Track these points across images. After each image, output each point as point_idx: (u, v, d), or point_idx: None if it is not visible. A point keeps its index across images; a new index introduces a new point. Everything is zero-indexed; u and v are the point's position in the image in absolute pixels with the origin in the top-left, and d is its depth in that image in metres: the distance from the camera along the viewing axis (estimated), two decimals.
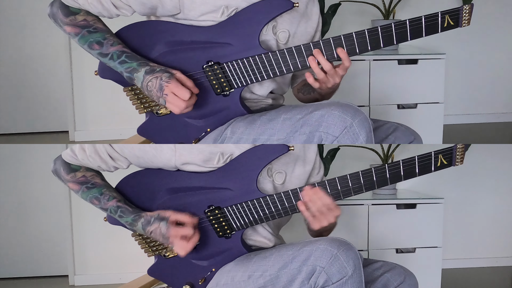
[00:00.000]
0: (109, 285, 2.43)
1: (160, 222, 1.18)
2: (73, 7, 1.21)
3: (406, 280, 1.27)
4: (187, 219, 1.19)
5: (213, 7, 1.18)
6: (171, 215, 1.19)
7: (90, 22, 1.20)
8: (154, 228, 1.18)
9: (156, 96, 1.17)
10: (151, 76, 1.16)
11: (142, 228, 1.20)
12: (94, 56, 1.22)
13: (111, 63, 1.19)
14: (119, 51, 1.18)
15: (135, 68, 1.18)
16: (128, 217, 1.21)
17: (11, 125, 2.79)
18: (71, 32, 1.21)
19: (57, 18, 1.21)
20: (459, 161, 1.15)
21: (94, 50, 1.20)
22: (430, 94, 2.34)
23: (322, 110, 1.10)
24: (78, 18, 1.20)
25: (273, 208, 1.19)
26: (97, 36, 1.19)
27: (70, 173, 1.24)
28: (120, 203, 1.22)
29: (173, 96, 1.15)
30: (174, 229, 1.17)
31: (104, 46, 1.19)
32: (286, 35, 1.27)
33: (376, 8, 2.42)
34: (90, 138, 2.71)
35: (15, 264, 2.54)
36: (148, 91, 1.18)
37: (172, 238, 1.17)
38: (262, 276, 1.15)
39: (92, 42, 1.19)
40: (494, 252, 2.60)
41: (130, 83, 1.25)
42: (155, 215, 1.20)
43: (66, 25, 1.21)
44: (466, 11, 1.13)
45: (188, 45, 1.21)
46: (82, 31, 1.20)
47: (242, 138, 1.19)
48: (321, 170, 1.34)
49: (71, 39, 1.28)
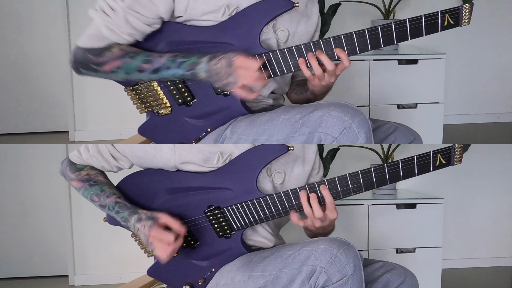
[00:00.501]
0: (109, 285, 2.43)
1: (148, 221, 1.17)
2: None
3: (406, 280, 1.27)
4: (176, 226, 1.17)
5: (214, 6, 1.18)
6: (161, 217, 1.18)
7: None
8: (141, 225, 1.18)
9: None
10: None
11: (133, 223, 1.20)
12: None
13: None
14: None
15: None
16: (124, 212, 1.21)
17: (11, 125, 2.79)
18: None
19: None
20: (457, 160, 1.15)
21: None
22: (430, 94, 2.34)
23: (321, 110, 1.10)
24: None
25: (273, 208, 1.19)
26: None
27: (75, 172, 1.27)
28: (119, 199, 1.22)
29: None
30: (157, 231, 1.16)
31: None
32: (286, 34, 1.27)
33: (376, 8, 2.42)
34: (90, 138, 2.71)
35: (15, 264, 2.54)
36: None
37: (152, 239, 1.16)
38: (262, 276, 1.15)
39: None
40: (494, 252, 2.61)
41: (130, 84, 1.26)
42: (148, 214, 1.19)
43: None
44: (466, 10, 1.13)
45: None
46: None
47: (242, 138, 1.19)
48: (320, 170, 1.34)
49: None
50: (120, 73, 1.18)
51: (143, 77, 1.19)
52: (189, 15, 1.19)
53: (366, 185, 1.16)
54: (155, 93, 1.26)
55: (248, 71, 1.14)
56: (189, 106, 1.26)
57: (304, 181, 1.29)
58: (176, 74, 1.18)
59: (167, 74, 1.18)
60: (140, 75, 1.19)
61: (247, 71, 1.14)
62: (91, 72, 1.20)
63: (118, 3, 1.15)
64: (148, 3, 1.15)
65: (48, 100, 2.77)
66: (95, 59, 1.17)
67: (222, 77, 1.15)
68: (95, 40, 1.17)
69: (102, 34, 1.17)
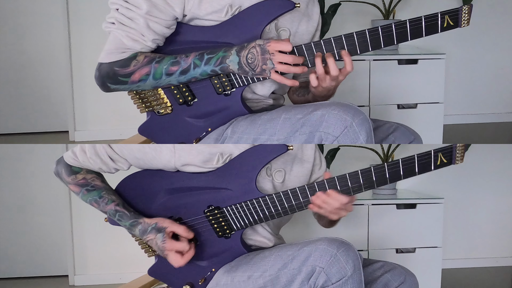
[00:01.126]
0: (109, 285, 2.43)
1: (157, 234, 1.18)
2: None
3: (406, 281, 1.27)
4: (184, 232, 1.19)
5: (218, 6, 1.18)
6: (168, 227, 1.18)
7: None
8: (150, 238, 1.18)
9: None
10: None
11: (139, 234, 1.21)
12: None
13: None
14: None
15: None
16: (126, 222, 1.21)
17: (11, 125, 2.79)
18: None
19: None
20: (459, 159, 1.15)
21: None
22: (430, 94, 2.34)
23: (322, 110, 1.10)
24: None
25: (273, 208, 1.19)
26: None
27: (71, 175, 1.25)
28: (118, 207, 1.22)
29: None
30: (170, 243, 1.17)
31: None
32: (287, 33, 1.27)
33: (376, 8, 2.42)
34: (90, 138, 2.71)
35: (15, 264, 2.54)
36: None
37: (167, 252, 1.17)
38: (261, 276, 1.15)
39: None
40: (494, 252, 2.60)
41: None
42: (153, 225, 1.19)
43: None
44: (465, 12, 1.13)
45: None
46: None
47: (242, 138, 1.19)
48: (322, 166, 1.34)
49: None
50: (149, 80, 1.18)
51: (172, 80, 1.19)
52: (193, 14, 1.19)
53: (366, 184, 1.16)
54: (155, 93, 1.26)
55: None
56: (189, 106, 1.26)
57: (305, 179, 1.29)
58: (206, 72, 1.18)
59: (196, 72, 1.18)
60: (169, 78, 1.18)
61: (283, 55, 1.14)
62: (120, 86, 1.19)
63: (135, 12, 1.14)
64: (164, 6, 1.15)
65: (48, 100, 2.77)
66: (122, 71, 1.17)
67: (257, 65, 1.15)
68: (117, 53, 1.17)
69: (124, 45, 1.16)
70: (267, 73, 1.16)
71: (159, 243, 1.17)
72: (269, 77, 1.17)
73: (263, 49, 1.14)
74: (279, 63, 1.15)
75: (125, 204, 1.24)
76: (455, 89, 2.84)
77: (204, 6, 1.18)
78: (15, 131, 2.80)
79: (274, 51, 1.14)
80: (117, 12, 1.16)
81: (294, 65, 1.16)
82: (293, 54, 1.17)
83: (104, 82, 1.19)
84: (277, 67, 1.15)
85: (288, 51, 1.15)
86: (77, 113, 2.71)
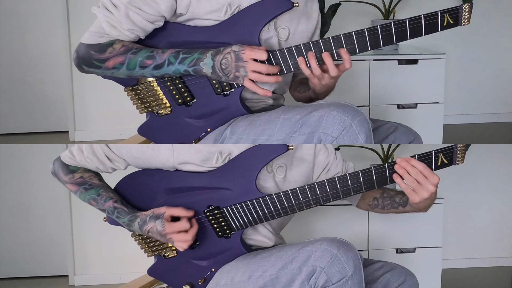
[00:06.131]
0: (109, 285, 2.43)
1: (156, 221, 1.18)
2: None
3: (406, 281, 1.27)
4: (182, 212, 1.19)
5: (217, 5, 1.18)
6: (165, 211, 1.19)
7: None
8: (150, 227, 1.18)
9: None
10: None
11: (139, 228, 1.20)
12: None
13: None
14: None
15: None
16: (124, 218, 1.21)
17: (11, 125, 2.79)
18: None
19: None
20: (460, 160, 1.15)
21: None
22: (430, 94, 2.34)
23: (321, 110, 1.10)
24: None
25: (273, 208, 1.19)
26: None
27: (68, 174, 1.25)
28: (116, 203, 1.22)
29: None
30: (170, 225, 1.17)
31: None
32: (286, 32, 1.27)
33: (376, 8, 2.42)
34: (90, 138, 2.71)
35: (15, 264, 2.54)
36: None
37: (170, 235, 1.17)
38: (262, 277, 1.15)
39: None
40: (494, 252, 2.60)
41: (130, 84, 1.26)
42: (150, 214, 1.19)
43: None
44: (465, 10, 1.12)
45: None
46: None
47: (241, 138, 1.19)
48: (338, 156, 1.35)
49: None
50: (122, 69, 1.18)
51: (146, 73, 1.19)
52: (192, 14, 1.19)
53: (367, 185, 1.16)
54: (154, 93, 1.26)
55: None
56: (188, 106, 1.26)
57: (307, 174, 1.29)
58: (178, 70, 1.18)
59: (170, 70, 1.18)
60: (142, 71, 1.19)
61: (257, 63, 1.15)
62: (94, 69, 1.20)
63: (120, 0, 1.15)
64: (149, 0, 1.15)
65: (48, 100, 2.77)
66: (98, 55, 1.17)
67: (230, 72, 1.16)
68: (97, 36, 1.17)
69: (104, 30, 1.17)
70: (240, 80, 1.17)
71: (159, 228, 1.17)
72: (242, 84, 1.18)
73: (238, 56, 1.15)
74: (252, 71, 1.15)
75: (123, 201, 1.24)
76: (455, 89, 2.84)
77: (203, 6, 1.18)
78: (15, 131, 2.80)
79: (248, 59, 1.15)
80: None
81: (267, 74, 1.16)
82: (269, 63, 1.17)
83: (79, 63, 1.20)
84: (249, 75, 1.16)
85: (263, 59, 1.15)
86: (77, 113, 2.71)
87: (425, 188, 1.12)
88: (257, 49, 1.15)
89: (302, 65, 1.18)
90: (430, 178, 1.12)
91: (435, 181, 1.12)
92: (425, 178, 1.12)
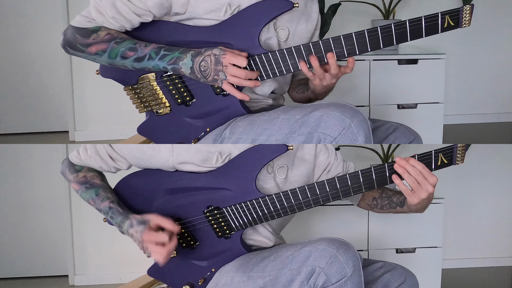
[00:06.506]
0: (109, 285, 2.43)
1: (140, 226, 1.16)
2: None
3: (406, 281, 1.27)
4: (169, 225, 1.16)
5: (217, 5, 1.18)
6: (152, 219, 1.17)
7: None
8: (133, 231, 1.17)
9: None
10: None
11: (126, 229, 1.20)
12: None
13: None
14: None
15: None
16: (117, 219, 1.21)
17: (11, 125, 2.79)
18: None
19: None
20: (459, 160, 1.15)
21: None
22: (430, 94, 2.34)
23: (320, 110, 1.10)
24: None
25: (272, 208, 1.19)
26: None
27: (73, 173, 1.27)
28: (112, 204, 1.22)
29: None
30: (148, 234, 1.15)
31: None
32: (286, 32, 1.27)
33: (376, 8, 2.42)
34: (90, 138, 2.71)
35: (15, 264, 2.54)
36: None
37: (146, 244, 1.15)
38: (261, 277, 1.15)
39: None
40: (494, 252, 2.60)
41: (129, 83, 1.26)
42: (139, 218, 1.18)
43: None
44: (466, 12, 1.12)
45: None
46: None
47: (241, 138, 1.19)
48: (338, 157, 1.36)
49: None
50: (104, 56, 1.19)
51: (126, 64, 1.20)
52: (191, 13, 1.19)
53: (366, 185, 1.16)
54: (154, 93, 1.26)
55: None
56: (188, 106, 1.26)
57: (308, 174, 1.29)
58: (158, 66, 1.18)
59: (149, 64, 1.19)
60: (123, 61, 1.19)
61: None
62: (77, 52, 1.21)
63: None
64: None
65: (48, 100, 2.77)
66: (82, 40, 1.19)
67: (209, 74, 1.17)
68: (85, 21, 1.19)
69: (91, 15, 1.18)
70: (219, 82, 1.18)
71: (138, 235, 1.16)
72: (221, 86, 1.18)
73: (217, 60, 1.15)
74: (232, 75, 1.16)
75: (120, 202, 1.24)
76: (455, 89, 2.84)
77: (203, 5, 1.18)
78: (15, 131, 2.80)
79: (228, 63, 1.15)
80: None
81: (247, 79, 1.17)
82: (250, 68, 1.18)
83: (65, 44, 1.22)
84: (229, 79, 1.17)
85: (242, 66, 1.16)
86: (77, 113, 2.72)
87: (424, 188, 1.12)
88: (238, 54, 1.16)
89: (304, 67, 1.18)
90: (429, 178, 1.12)
91: (434, 181, 1.12)
92: (424, 178, 1.12)
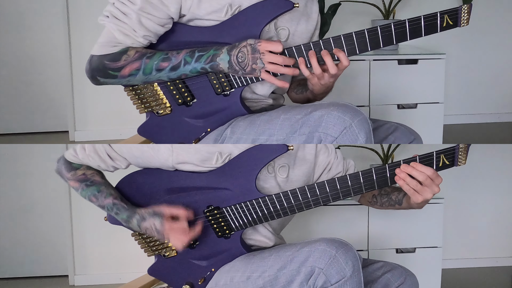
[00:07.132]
0: (109, 285, 2.43)
1: (155, 218, 1.18)
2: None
3: (406, 281, 1.27)
4: (181, 212, 1.19)
5: (218, 5, 1.18)
6: (165, 210, 1.19)
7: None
8: (149, 224, 1.19)
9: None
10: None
11: (137, 224, 1.20)
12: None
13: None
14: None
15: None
16: (123, 214, 1.21)
17: (11, 125, 2.79)
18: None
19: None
20: (462, 161, 1.15)
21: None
22: (430, 94, 2.34)
23: (321, 110, 1.10)
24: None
25: (272, 209, 1.19)
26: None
27: (71, 171, 1.26)
28: (116, 200, 1.22)
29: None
30: (169, 224, 1.17)
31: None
32: (286, 33, 1.27)
33: (376, 8, 2.42)
34: (90, 138, 2.71)
35: (15, 264, 2.54)
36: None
37: (167, 233, 1.17)
38: (261, 277, 1.15)
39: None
40: (494, 252, 2.60)
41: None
42: (150, 211, 1.20)
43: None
44: (465, 11, 1.12)
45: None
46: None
47: (241, 138, 1.19)
48: (338, 156, 1.36)
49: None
50: (139, 75, 1.18)
51: (162, 76, 1.19)
52: (192, 14, 1.19)
53: (367, 185, 1.16)
54: (154, 93, 1.26)
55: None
56: (189, 106, 1.26)
57: (309, 173, 1.29)
58: (196, 69, 1.18)
59: (186, 69, 1.18)
60: (159, 74, 1.18)
61: (273, 55, 1.14)
62: (109, 79, 1.19)
63: (129, 7, 1.14)
64: (159, 4, 1.15)
65: (48, 100, 2.77)
66: (113, 64, 1.17)
67: (247, 65, 1.16)
68: (109, 46, 1.17)
69: (116, 39, 1.16)
70: (257, 72, 1.17)
71: (158, 226, 1.17)
72: (259, 76, 1.17)
73: (254, 49, 1.14)
74: (269, 63, 1.15)
75: (123, 198, 1.24)
76: (455, 89, 2.84)
77: (204, 6, 1.18)
78: (15, 131, 2.80)
79: (264, 50, 1.14)
80: (112, 6, 1.17)
81: (285, 66, 1.16)
82: (284, 55, 1.17)
83: (94, 75, 1.20)
84: (267, 66, 1.15)
85: (278, 51, 1.15)
86: (77, 113, 2.72)
87: (431, 189, 1.13)
88: (272, 41, 1.15)
89: (302, 65, 1.18)
90: (436, 180, 1.13)
91: (439, 182, 1.13)
92: (432, 181, 1.12)
